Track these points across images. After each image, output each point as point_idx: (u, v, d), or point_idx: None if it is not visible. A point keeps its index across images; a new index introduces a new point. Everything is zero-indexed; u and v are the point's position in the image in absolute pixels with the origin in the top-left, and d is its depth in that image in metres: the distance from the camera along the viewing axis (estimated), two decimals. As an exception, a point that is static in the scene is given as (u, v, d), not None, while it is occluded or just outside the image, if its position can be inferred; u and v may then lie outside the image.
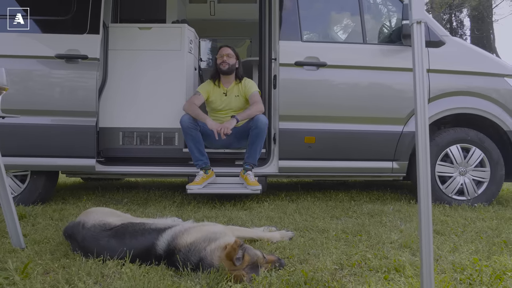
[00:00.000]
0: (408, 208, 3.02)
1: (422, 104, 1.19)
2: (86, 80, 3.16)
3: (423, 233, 1.15)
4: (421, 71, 1.16)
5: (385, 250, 1.97)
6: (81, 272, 1.60)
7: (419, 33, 1.10)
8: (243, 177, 3.15)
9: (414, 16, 1.07)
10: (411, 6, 1.04)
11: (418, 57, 1.14)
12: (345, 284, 1.56)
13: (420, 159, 1.19)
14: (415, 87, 1.24)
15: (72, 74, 3.16)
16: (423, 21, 1.04)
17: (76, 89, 3.16)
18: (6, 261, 1.78)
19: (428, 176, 1.24)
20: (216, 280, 1.52)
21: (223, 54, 3.34)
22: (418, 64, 1.16)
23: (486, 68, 3.36)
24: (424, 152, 1.20)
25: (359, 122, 3.28)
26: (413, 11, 1.04)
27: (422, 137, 1.20)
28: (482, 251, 1.96)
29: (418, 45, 1.12)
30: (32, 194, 3.22)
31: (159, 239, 1.77)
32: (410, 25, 1.08)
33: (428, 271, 1.13)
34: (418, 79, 1.19)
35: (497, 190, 3.33)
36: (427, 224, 1.14)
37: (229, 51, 3.35)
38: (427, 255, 1.14)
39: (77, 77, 3.16)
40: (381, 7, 3.92)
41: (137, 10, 4.28)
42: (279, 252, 1.96)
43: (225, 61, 3.31)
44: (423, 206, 1.18)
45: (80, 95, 3.15)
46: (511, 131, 3.30)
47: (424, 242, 1.15)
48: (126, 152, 3.42)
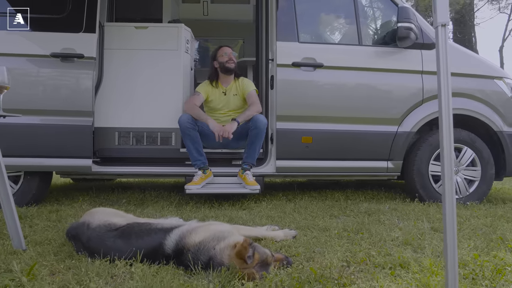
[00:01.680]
0: (404, 207, 3.08)
1: (447, 107, 1.19)
2: (82, 79, 3.11)
3: (448, 234, 1.16)
4: (446, 73, 1.17)
5: (387, 248, 2.01)
6: (90, 273, 1.58)
7: (443, 36, 1.10)
8: (242, 177, 3.16)
9: (439, 19, 1.08)
10: (436, 9, 1.06)
11: (442, 59, 1.14)
12: (354, 280, 1.59)
13: (445, 162, 1.20)
14: (439, 90, 1.24)
15: (67, 73, 3.12)
16: (448, 24, 1.06)
17: (72, 88, 3.11)
18: (9, 263, 1.75)
19: (452, 178, 1.25)
20: (228, 278, 1.53)
21: (229, 53, 3.36)
22: (443, 66, 1.15)
23: (477, 70, 3.47)
24: (448, 155, 1.21)
25: (355, 123, 3.33)
26: (438, 14, 1.06)
27: (447, 140, 1.19)
28: (480, 247, 2.02)
29: (442, 48, 1.12)
30: (25, 196, 3.15)
31: (166, 239, 1.76)
32: (435, 27, 1.10)
33: (453, 270, 1.15)
34: (443, 81, 1.18)
35: (487, 189, 3.43)
36: (452, 225, 1.16)
37: (231, 51, 3.39)
38: (451, 254, 1.16)
39: (73, 76, 3.12)
40: (376, 10, 3.99)
41: (133, 10, 4.25)
42: (285, 251, 1.98)
43: (231, 59, 3.34)
44: (448, 210, 1.19)
45: (76, 94, 3.10)
46: (501, 132, 3.41)
47: (449, 242, 1.17)
48: (122, 152, 3.38)
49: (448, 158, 1.21)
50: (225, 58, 3.36)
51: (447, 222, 1.18)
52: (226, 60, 3.35)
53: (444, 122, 1.21)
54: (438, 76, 1.20)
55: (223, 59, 3.36)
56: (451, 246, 1.18)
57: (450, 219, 1.17)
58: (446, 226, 1.19)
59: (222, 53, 3.39)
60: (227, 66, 3.34)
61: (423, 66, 3.37)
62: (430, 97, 3.37)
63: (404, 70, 3.38)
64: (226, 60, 3.35)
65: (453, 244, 1.17)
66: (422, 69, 3.37)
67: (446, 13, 1.06)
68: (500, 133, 3.42)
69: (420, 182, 3.36)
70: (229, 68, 3.35)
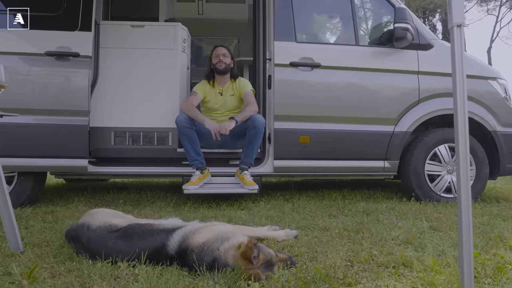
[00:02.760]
0: (402, 206, 3.11)
1: (462, 109, 1.19)
2: (78, 78, 3.07)
3: (464, 234, 1.17)
4: (462, 75, 1.16)
5: (389, 247, 2.02)
6: (93, 275, 1.55)
7: (459, 37, 1.10)
8: (240, 177, 3.15)
9: (455, 20, 1.08)
10: (451, 10, 1.06)
11: (458, 60, 1.13)
12: (359, 280, 1.59)
13: (461, 162, 1.20)
14: (455, 91, 1.24)
15: (63, 72, 3.07)
16: (464, 25, 1.06)
17: (68, 87, 3.07)
18: (8, 266, 1.71)
19: (468, 177, 1.25)
20: (234, 279, 1.52)
21: (219, 54, 3.34)
22: (459, 68, 1.15)
23: (472, 71, 3.50)
24: (464, 156, 1.21)
25: (353, 122, 3.35)
26: (453, 15, 1.06)
27: (462, 141, 1.20)
28: (480, 246, 2.05)
29: (458, 49, 1.12)
30: (19, 196, 3.09)
31: (169, 240, 1.74)
32: (450, 28, 1.10)
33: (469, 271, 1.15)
34: (459, 82, 1.18)
35: (482, 188, 3.48)
36: (468, 225, 1.17)
37: (225, 51, 3.36)
38: (467, 255, 1.17)
39: (69, 75, 3.07)
40: (372, 10, 4.01)
41: (129, 8, 4.20)
42: (287, 250, 1.97)
43: (221, 60, 3.32)
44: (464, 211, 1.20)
45: (71, 93, 3.06)
46: (495, 132, 3.46)
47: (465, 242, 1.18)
48: (118, 153, 3.34)
49: (463, 159, 1.22)
50: (216, 60, 3.37)
51: (463, 224, 1.19)
52: (216, 61, 3.36)
53: (460, 123, 1.21)
54: (453, 78, 1.20)
55: (214, 61, 3.37)
56: (466, 248, 1.18)
57: (466, 221, 1.18)
58: (462, 228, 1.19)
59: (215, 54, 3.39)
60: (217, 67, 3.35)
61: (419, 67, 3.40)
62: (425, 97, 3.40)
63: (401, 70, 3.41)
64: (216, 61, 3.36)
65: (469, 248, 1.18)
66: (418, 70, 3.40)
67: (461, 14, 1.06)
68: (494, 133, 3.46)
69: (416, 182, 3.38)
70: (218, 69, 3.35)
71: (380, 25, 3.84)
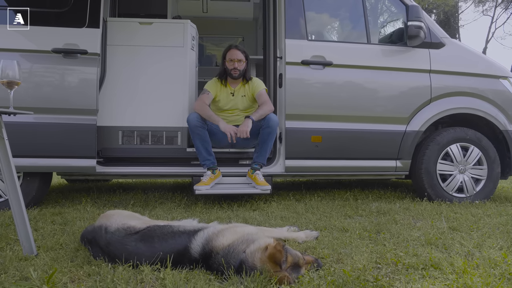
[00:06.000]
0: (416, 206, 3.07)
1: None
2: (86, 76, 2.99)
3: None
4: None
5: (413, 248, 1.97)
6: (116, 280, 1.49)
7: None
8: (251, 177, 3.09)
9: None
10: None
11: None
12: (391, 283, 1.55)
13: None
14: None
15: (70, 70, 2.98)
16: None
17: (75, 85, 2.98)
18: (23, 270, 1.65)
19: None
20: (263, 283, 1.46)
21: (234, 60, 3.23)
22: None
23: (483, 70, 3.48)
24: None
25: (365, 121, 3.30)
26: None
27: None
28: (506, 246, 2.01)
29: None
30: (25, 198, 2.92)
31: (192, 242, 1.68)
32: None
33: None
34: None
35: (494, 187, 3.45)
36: None
37: (240, 56, 3.25)
38: None
39: (76, 73, 2.99)
40: (384, 8, 3.98)
41: (136, 5, 4.12)
42: (311, 252, 1.92)
43: (236, 68, 3.23)
44: None
45: (79, 92, 2.98)
46: (506, 131, 3.43)
47: None
48: (125, 152, 3.27)
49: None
50: (231, 66, 3.25)
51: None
52: (231, 68, 3.25)
53: None
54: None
55: (229, 66, 3.26)
56: None
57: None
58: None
59: (229, 58, 3.27)
60: (232, 74, 3.26)
61: (431, 65, 3.37)
62: (437, 96, 3.37)
63: (413, 69, 3.37)
64: (231, 68, 3.25)
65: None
66: (430, 68, 3.36)
67: None
68: (506, 132, 3.44)
69: (428, 181, 3.35)
70: (232, 76, 3.26)
71: (391, 23, 3.80)
